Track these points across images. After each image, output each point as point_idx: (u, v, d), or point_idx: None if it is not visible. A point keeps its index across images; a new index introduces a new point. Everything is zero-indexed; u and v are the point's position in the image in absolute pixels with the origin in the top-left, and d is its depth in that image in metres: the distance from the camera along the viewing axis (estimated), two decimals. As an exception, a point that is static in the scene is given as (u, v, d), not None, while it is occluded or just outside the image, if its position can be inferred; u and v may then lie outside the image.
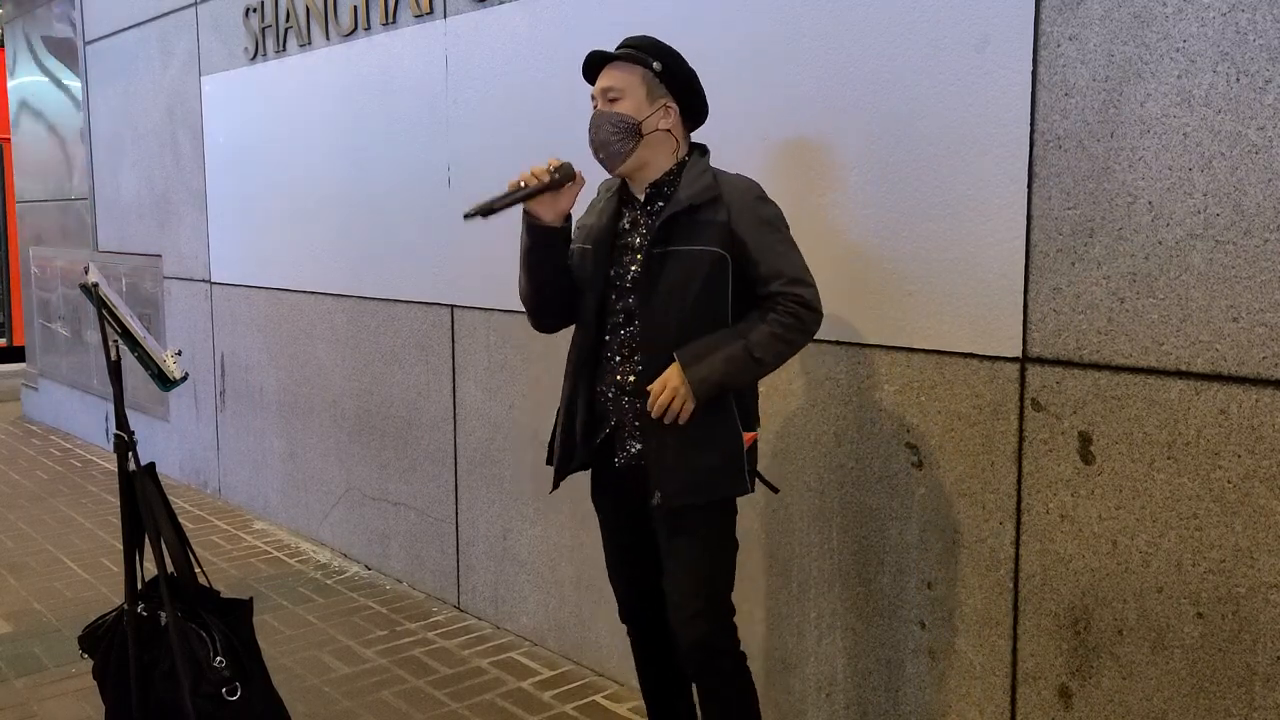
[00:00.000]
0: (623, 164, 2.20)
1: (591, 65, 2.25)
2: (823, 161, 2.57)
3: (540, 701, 3.19)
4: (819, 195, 2.59)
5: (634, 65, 2.18)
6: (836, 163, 2.55)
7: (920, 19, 2.36)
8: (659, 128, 2.19)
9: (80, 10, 6.44)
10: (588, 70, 2.26)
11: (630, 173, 2.24)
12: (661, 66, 2.19)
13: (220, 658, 2.37)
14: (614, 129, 2.17)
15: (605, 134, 2.18)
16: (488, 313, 3.65)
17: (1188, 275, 1.99)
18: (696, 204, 2.13)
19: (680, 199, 2.14)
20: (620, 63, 2.20)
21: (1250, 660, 1.97)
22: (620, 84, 2.18)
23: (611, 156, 2.19)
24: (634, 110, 2.17)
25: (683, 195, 2.15)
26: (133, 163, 6.03)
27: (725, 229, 2.12)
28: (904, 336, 2.45)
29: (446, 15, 3.69)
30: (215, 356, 5.39)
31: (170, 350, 2.53)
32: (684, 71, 2.23)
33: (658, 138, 2.20)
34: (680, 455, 2.15)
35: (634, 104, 2.17)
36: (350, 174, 4.28)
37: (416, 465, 4.07)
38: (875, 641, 2.57)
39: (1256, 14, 1.88)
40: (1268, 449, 1.92)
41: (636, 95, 2.18)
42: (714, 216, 2.13)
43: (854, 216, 2.52)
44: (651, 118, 2.18)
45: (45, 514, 5.26)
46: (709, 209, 2.14)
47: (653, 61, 2.18)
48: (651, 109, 2.18)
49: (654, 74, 2.18)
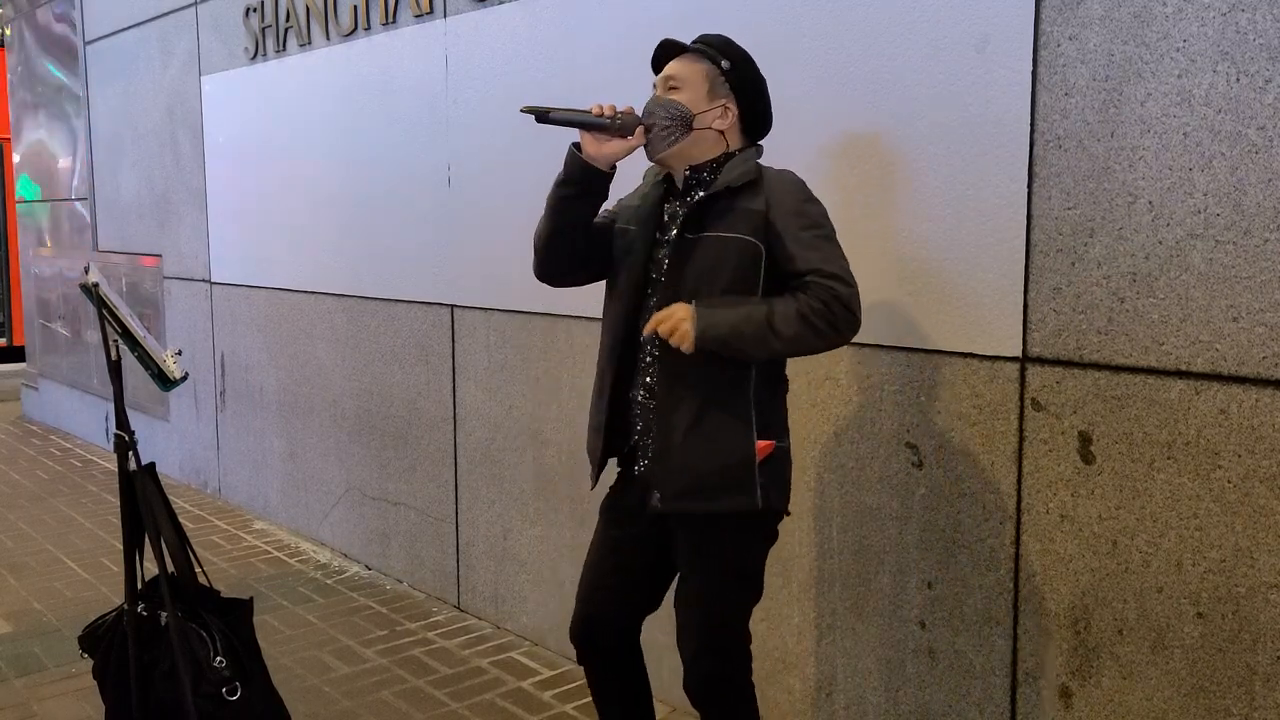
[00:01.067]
0: (663, 152, 2.11)
1: (660, 56, 2.18)
2: (823, 161, 2.57)
3: (540, 701, 3.19)
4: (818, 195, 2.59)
5: (701, 59, 2.11)
6: (836, 163, 2.55)
7: (920, 19, 2.36)
8: (712, 125, 2.10)
9: (80, 10, 6.44)
10: (657, 60, 2.19)
11: (670, 162, 2.14)
12: (730, 65, 2.11)
13: (220, 658, 2.37)
14: (666, 115, 2.08)
15: (656, 118, 2.08)
16: (488, 313, 3.65)
17: (1188, 275, 1.99)
18: (734, 187, 2.04)
19: (719, 183, 2.06)
20: (689, 54, 2.13)
21: (1250, 660, 1.97)
22: (683, 74, 2.10)
23: (655, 141, 2.09)
24: (690, 102, 2.09)
25: (722, 180, 2.06)
26: (133, 163, 6.03)
27: (762, 218, 2.01)
28: (904, 336, 2.45)
29: (446, 15, 3.69)
30: (215, 356, 5.39)
31: (170, 350, 2.53)
32: (753, 77, 2.15)
33: (707, 135, 2.11)
34: (685, 456, 2.03)
35: (692, 96, 2.09)
36: (350, 174, 4.28)
37: (416, 465, 4.07)
38: (875, 641, 2.57)
39: (1256, 14, 1.88)
40: (1268, 449, 1.92)
41: (697, 89, 2.10)
42: (751, 204, 2.03)
43: (854, 216, 2.52)
44: (707, 114, 2.09)
45: (45, 514, 5.26)
46: (747, 196, 2.04)
47: (721, 59, 2.12)
48: (710, 105, 2.10)
49: (720, 71, 2.11)
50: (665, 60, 2.18)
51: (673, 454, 2.05)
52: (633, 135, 2.07)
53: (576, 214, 2.13)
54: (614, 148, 2.07)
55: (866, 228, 2.49)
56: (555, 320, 3.40)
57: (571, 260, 2.20)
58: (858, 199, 2.51)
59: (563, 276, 2.25)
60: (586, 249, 2.18)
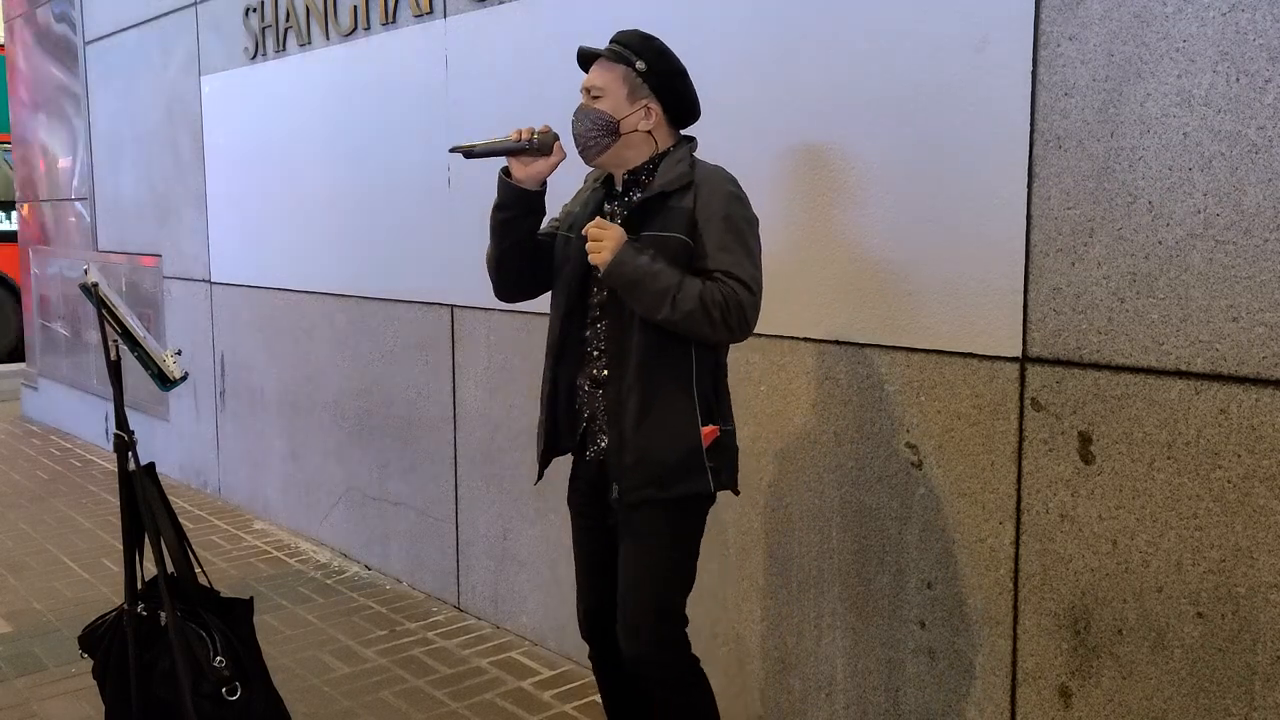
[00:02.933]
0: (597, 159, 2.22)
1: (582, 60, 2.26)
2: (823, 161, 2.57)
3: (540, 701, 3.19)
4: (819, 195, 2.59)
5: (617, 63, 2.18)
6: (836, 163, 2.55)
7: (920, 19, 2.36)
8: (638, 128, 2.18)
9: (80, 10, 6.44)
10: (582, 64, 2.26)
11: (606, 165, 2.25)
12: (645, 67, 2.17)
13: (220, 658, 2.37)
14: (592, 125, 2.17)
15: (583, 128, 2.18)
16: (488, 313, 3.65)
17: (1188, 275, 1.99)
18: (668, 190, 2.14)
19: (654, 186, 2.16)
20: (605, 61, 2.20)
21: (1250, 660, 1.97)
22: (602, 82, 2.18)
23: (586, 150, 2.20)
24: (613, 109, 2.17)
25: (656, 183, 2.16)
26: (133, 163, 6.03)
27: (690, 215, 2.11)
28: (904, 336, 2.45)
29: (446, 15, 3.69)
30: (215, 356, 5.39)
31: (170, 350, 2.53)
32: (669, 71, 2.20)
33: (636, 138, 2.19)
34: (638, 447, 2.12)
35: (613, 103, 2.17)
36: (350, 174, 4.28)
37: (416, 465, 4.07)
38: (875, 641, 2.57)
39: (1256, 14, 1.88)
40: (1268, 449, 1.92)
41: (617, 95, 2.17)
42: (682, 203, 2.13)
43: (853, 216, 2.52)
44: (630, 118, 2.17)
45: (45, 514, 5.26)
46: (679, 195, 2.13)
47: (636, 61, 2.17)
48: (632, 109, 2.17)
49: (636, 74, 2.17)
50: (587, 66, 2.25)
51: (627, 446, 2.14)
52: (552, 153, 2.21)
53: (519, 232, 2.27)
54: (539, 167, 2.21)
55: (866, 228, 2.49)
56: (555, 320, 3.39)
57: (521, 276, 2.34)
58: (857, 199, 2.51)
59: (519, 293, 2.38)
60: (534, 264, 2.31)
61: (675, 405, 2.13)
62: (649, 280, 2.05)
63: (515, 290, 2.37)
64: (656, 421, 2.12)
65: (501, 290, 2.37)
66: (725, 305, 2.04)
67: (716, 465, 2.17)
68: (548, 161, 2.21)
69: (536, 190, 2.24)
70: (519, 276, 2.33)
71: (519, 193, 2.22)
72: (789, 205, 2.64)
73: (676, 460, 2.13)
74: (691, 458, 2.13)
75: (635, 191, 2.22)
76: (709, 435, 2.15)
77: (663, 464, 2.12)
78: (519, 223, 2.26)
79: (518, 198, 2.23)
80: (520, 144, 2.19)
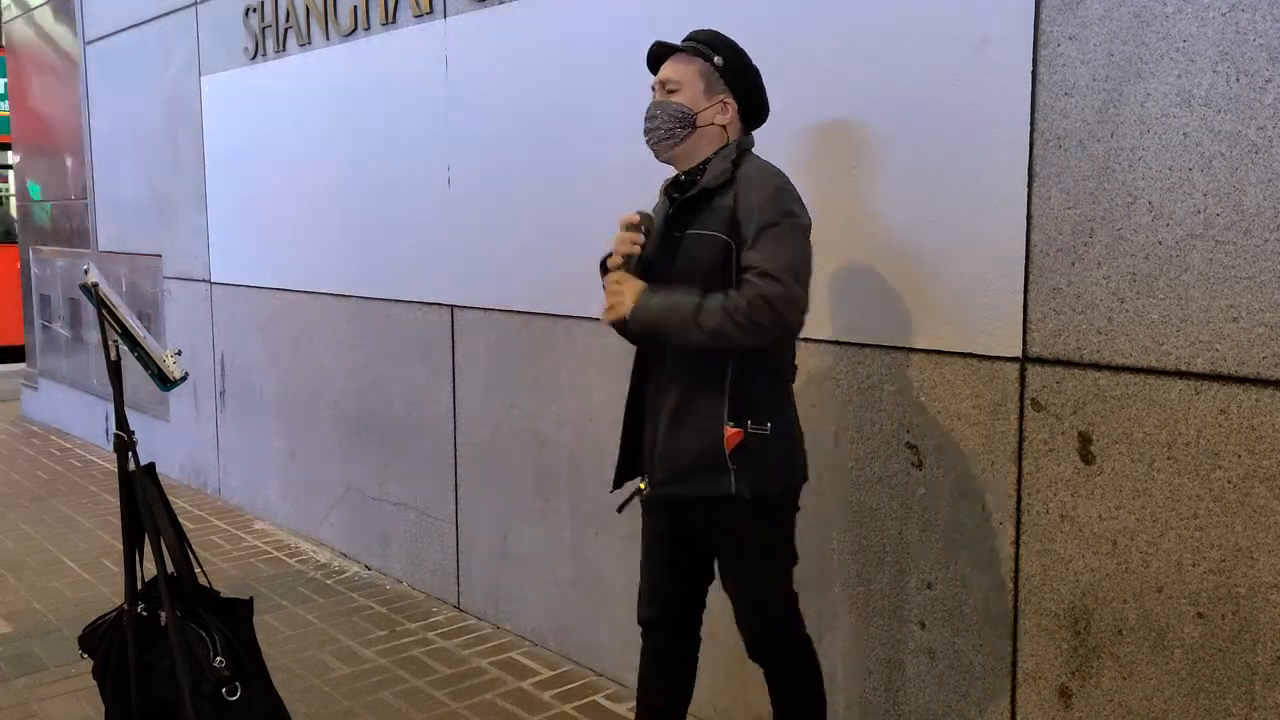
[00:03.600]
0: (670, 151, 2.22)
1: (655, 56, 2.26)
2: (821, 161, 2.57)
3: (540, 701, 3.19)
4: (818, 196, 2.58)
5: (694, 58, 2.20)
6: (836, 163, 2.55)
7: (920, 18, 2.36)
8: (714, 121, 2.20)
9: (80, 10, 6.44)
10: (652, 61, 2.27)
11: (676, 161, 2.24)
12: (723, 62, 2.20)
13: (220, 658, 2.36)
14: (668, 117, 2.18)
15: (659, 121, 2.19)
16: (488, 313, 3.65)
17: (1188, 275, 1.99)
18: (710, 188, 2.15)
19: (700, 183, 2.18)
20: (682, 55, 2.21)
21: (1250, 660, 1.97)
22: (679, 76, 2.19)
23: (661, 142, 2.21)
24: (689, 102, 2.18)
25: (703, 180, 2.18)
26: (133, 163, 6.03)
27: (731, 214, 2.12)
28: (904, 336, 2.45)
29: (446, 15, 3.69)
30: (215, 356, 5.39)
31: (170, 350, 2.53)
32: (745, 67, 2.23)
33: (711, 131, 2.21)
34: (667, 443, 2.16)
35: (690, 96, 2.19)
36: (350, 174, 4.28)
37: (416, 465, 4.07)
38: (875, 641, 2.57)
39: (1256, 14, 1.88)
40: (1268, 449, 1.92)
41: (693, 88, 2.19)
42: (724, 201, 2.13)
43: (853, 216, 2.52)
44: (707, 111, 2.19)
45: (45, 514, 5.26)
46: (722, 193, 2.14)
47: (714, 56, 2.20)
48: (709, 103, 2.19)
49: (714, 68, 2.20)
50: (659, 63, 2.26)
51: (659, 442, 2.19)
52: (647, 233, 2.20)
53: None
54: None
55: (865, 228, 2.49)
56: (555, 320, 3.39)
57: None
58: (856, 199, 2.50)
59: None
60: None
61: (702, 404, 2.14)
62: (668, 316, 2.08)
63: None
64: (683, 420, 2.15)
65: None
66: (749, 308, 2.02)
67: (740, 468, 2.12)
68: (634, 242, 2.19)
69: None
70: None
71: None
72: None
73: (695, 458, 2.14)
74: (711, 457, 2.12)
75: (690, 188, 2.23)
76: (731, 438, 2.11)
77: (681, 460, 2.15)
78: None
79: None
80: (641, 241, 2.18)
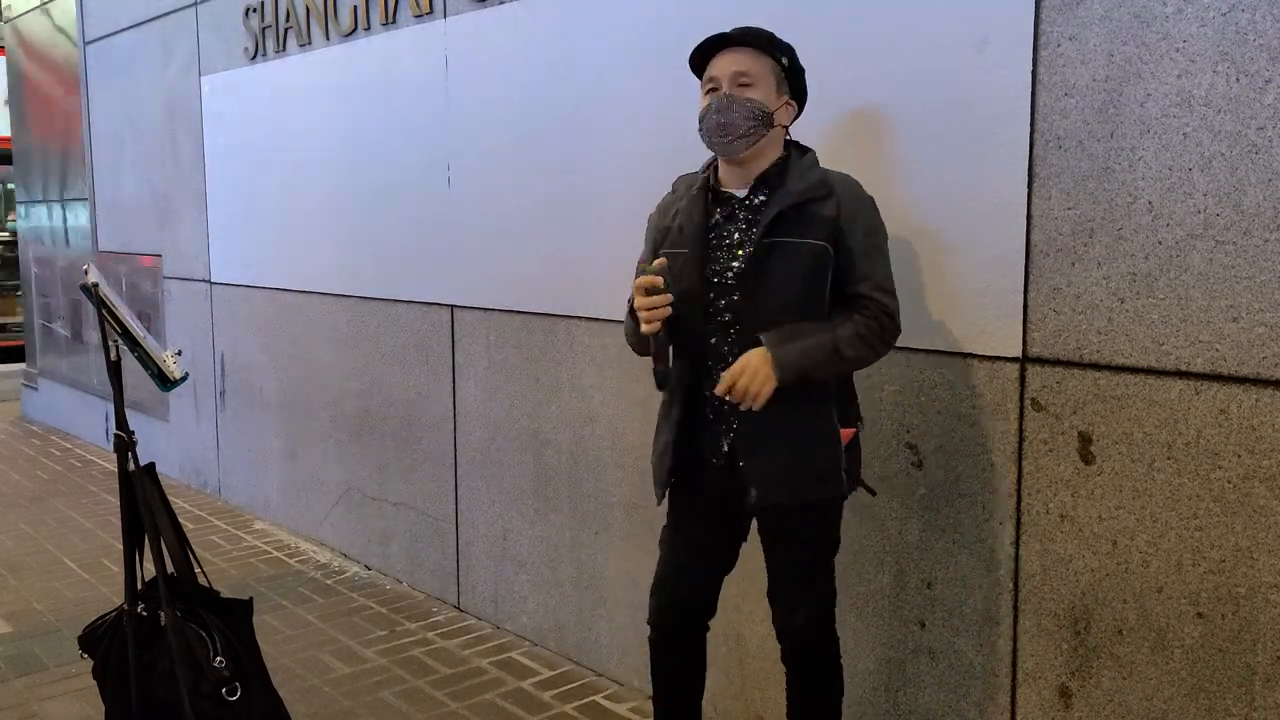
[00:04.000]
0: (745, 151, 2.13)
1: (704, 51, 2.18)
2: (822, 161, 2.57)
3: (540, 701, 3.19)
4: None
5: (765, 55, 2.14)
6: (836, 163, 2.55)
7: (920, 19, 2.36)
8: (782, 123, 2.17)
9: (80, 10, 6.44)
10: (699, 55, 2.19)
11: (745, 161, 2.16)
12: (788, 63, 2.17)
13: (220, 658, 2.37)
14: (747, 114, 2.10)
15: (737, 117, 2.09)
16: (488, 313, 3.65)
17: (1188, 275, 1.99)
18: (810, 197, 2.10)
19: (792, 191, 2.11)
20: (752, 49, 2.14)
21: (1250, 660, 1.97)
22: (754, 70, 2.12)
23: (736, 140, 2.11)
24: (766, 99, 2.13)
25: (794, 188, 2.11)
26: (133, 163, 6.03)
27: (834, 223, 2.09)
28: (904, 336, 2.44)
29: (446, 15, 3.69)
30: (215, 356, 5.40)
31: (170, 350, 2.53)
32: (800, 70, 2.21)
33: (778, 133, 2.17)
34: (777, 453, 2.12)
35: (765, 93, 2.13)
36: (350, 174, 4.28)
37: (416, 465, 4.07)
38: (875, 641, 2.57)
39: (1256, 14, 1.88)
40: (1268, 449, 1.92)
41: (768, 85, 2.13)
42: (822, 210, 2.09)
43: (854, 216, 2.52)
44: (780, 111, 2.16)
45: (45, 514, 5.26)
46: (819, 202, 2.10)
47: (781, 56, 2.16)
48: (779, 102, 2.16)
49: (782, 68, 2.17)
50: (708, 56, 2.18)
51: (765, 453, 2.13)
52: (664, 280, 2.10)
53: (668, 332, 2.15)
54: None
55: (866, 228, 2.49)
56: (555, 320, 3.39)
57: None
58: (858, 199, 2.50)
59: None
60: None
61: (816, 412, 2.14)
62: (814, 356, 2.05)
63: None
64: (795, 431, 2.13)
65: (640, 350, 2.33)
66: (880, 328, 2.10)
67: (850, 466, 2.19)
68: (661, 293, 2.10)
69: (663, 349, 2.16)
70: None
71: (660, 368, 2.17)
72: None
73: (819, 466, 2.14)
74: (832, 463, 2.15)
75: (760, 195, 2.16)
76: (847, 437, 2.18)
77: (805, 469, 2.14)
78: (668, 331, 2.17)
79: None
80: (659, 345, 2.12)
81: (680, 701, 2.42)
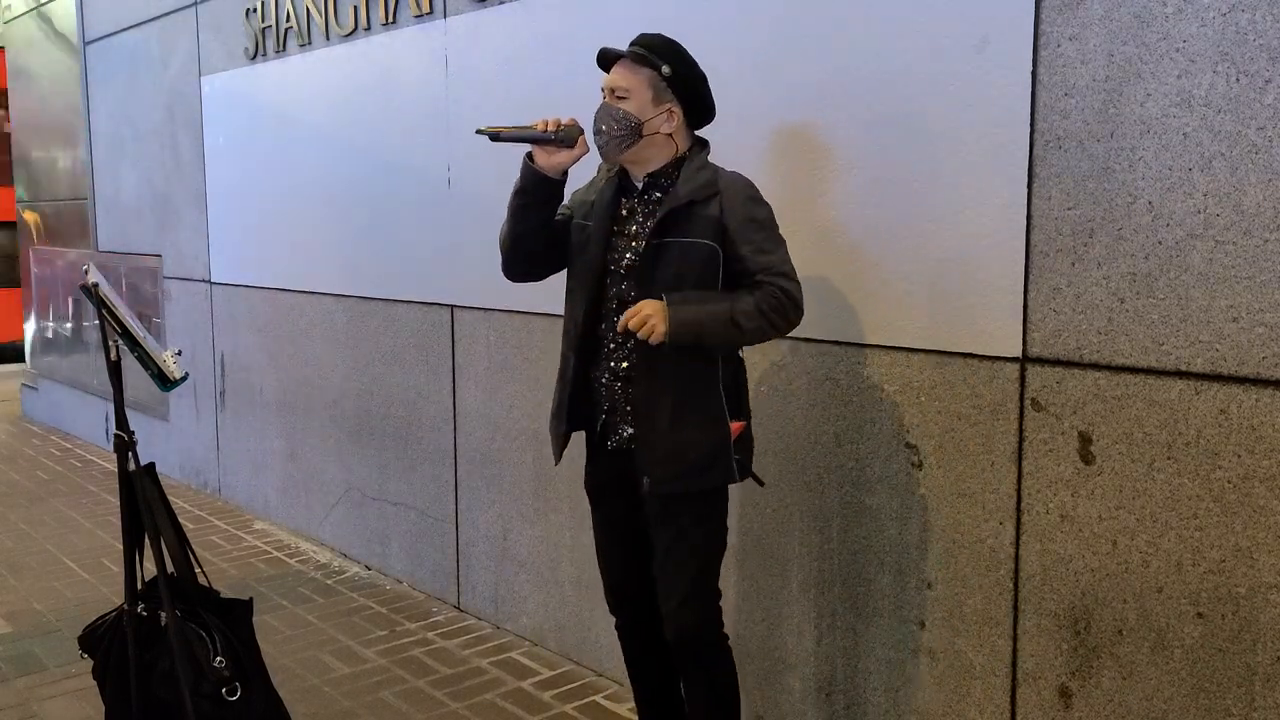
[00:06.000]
0: (618, 157, 2.28)
1: (605, 59, 2.30)
2: (823, 161, 2.57)
3: (540, 701, 3.19)
4: (819, 195, 2.59)
5: (643, 67, 2.24)
6: (837, 163, 2.55)
7: (920, 19, 2.36)
8: (660, 130, 2.25)
9: (80, 10, 6.44)
10: (603, 63, 2.31)
11: (626, 164, 2.32)
12: (670, 71, 2.23)
13: (220, 658, 2.37)
14: (616, 124, 2.23)
15: (607, 126, 2.24)
16: (488, 313, 3.65)
17: (1188, 275, 1.99)
18: (695, 199, 2.21)
19: (680, 194, 2.23)
20: (630, 63, 2.25)
21: (1250, 660, 1.97)
22: (627, 84, 2.24)
23: (608, 147, 2.26)
24: (638, 111, 2.24)
25: (682, 190, 2.23)
26: (133, 163, 6.03)
27: (718, 223, 2.20)
28: (904, 336, 2.45)
29: (446, 15, 3.69)
30: (215, 356, 5.40)
31: (170, 350, 2.53)
32: (693, 76, 2.27)
33: (658, 139, 2.26)
34: (669, 442, 2.22)
35: (638, 105, 2.24)
36: (350, 174, 4.28)
37: (416, 465, 4.07)
38: (875, 641, 2.57)
39: (1256, 14, 1.88)
40: (1268, 449, 1.92)
41: (642, 97, 2.24)
42: (708, 210, 2.20)
43: (854, 216, 2.52)
44: (654, 120, 2.24)
45: (45, 514, 5.26)
46: (705, 203, 2.21)
47: (662, 65, 2.23)
48: (656, 111, 2.24)
49: (662, 78, 2.23)
50: (609, 65, 2.30)
51: (659, 442, 2.23)
52: (576, 146, 2.26)
53: (536, 218, 2.34)
54: (562, 158, 2.27)
55: (866, 227, 2.49)
56: (555, 320, 3.38)
57: (533, 259, 2.41)
58: (857, 199, 2.50)
59: (527, 274, 2.46)
60: (547, 248, 2.38)
61: (707, 403, 2.24)
62: (710, 321, 2.15)
63: (525, 272, 2.45)
64: (690, 419, 2.22)
65: (511, 270, 2.44)
66: (780, 306, 2.17)
67: (741, 457, 2.29)
68: (570, 154, 2.26)
69: (558, 179, 2.30)
70: (531, 258, 2.41)
71: (541, 179, 2.28)
72: (789, 206, 2.64)
73: (707, 455, 2.24)
74: (721, 452, 2.25)
75: (655, 192, 2.30)
76: (736, 430, 2.27)
77: (692, 459, 2.23)
78: (538, 208, 2.32)
79: (539, 184, 2.29)
80: (547, 134, 2.25)
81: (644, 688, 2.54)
